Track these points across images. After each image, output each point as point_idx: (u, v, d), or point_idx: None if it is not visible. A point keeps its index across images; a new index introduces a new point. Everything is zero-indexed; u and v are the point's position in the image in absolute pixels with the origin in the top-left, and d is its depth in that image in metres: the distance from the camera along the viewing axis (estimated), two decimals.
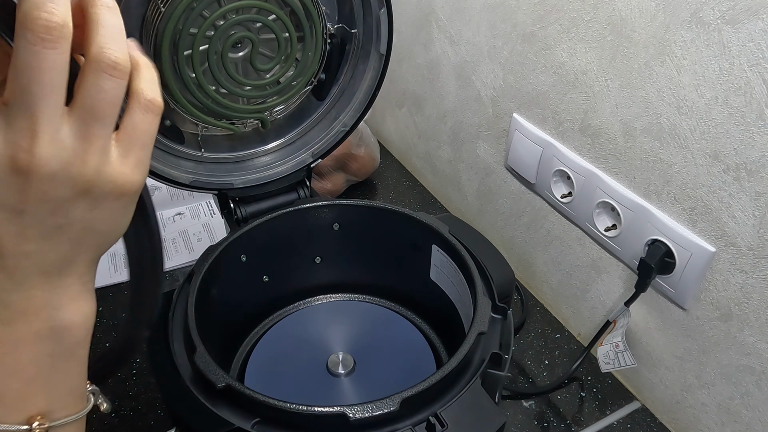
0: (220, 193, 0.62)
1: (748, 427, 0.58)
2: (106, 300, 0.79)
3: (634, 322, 0.66)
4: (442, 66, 0.89)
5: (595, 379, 0.71)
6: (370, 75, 0.63)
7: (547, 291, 0.81)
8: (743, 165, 0.50)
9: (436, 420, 0.43)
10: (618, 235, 0.64)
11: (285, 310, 0.69)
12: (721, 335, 0.57)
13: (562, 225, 0.74)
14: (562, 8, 0.64)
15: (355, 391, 0.58)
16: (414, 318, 0.69)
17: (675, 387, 0.64)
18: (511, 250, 0.86)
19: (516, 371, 0.72)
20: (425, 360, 0.62)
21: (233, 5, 0.53)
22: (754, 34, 0.46)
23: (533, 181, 0.76)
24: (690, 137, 0.54)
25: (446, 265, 0.60)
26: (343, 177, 0.99)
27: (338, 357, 0.61)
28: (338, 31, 0.61)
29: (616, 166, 0.64)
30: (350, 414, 0.42)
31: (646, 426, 0.66)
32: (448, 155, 0.95)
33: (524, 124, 0.75)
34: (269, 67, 0.58)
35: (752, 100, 0.48)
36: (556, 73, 0.68)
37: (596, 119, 0.64)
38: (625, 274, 0.67)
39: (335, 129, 0.66)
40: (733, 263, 0.54)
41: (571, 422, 0.66)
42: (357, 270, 0.69)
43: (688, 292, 0.59)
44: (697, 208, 0.56)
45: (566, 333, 0.77)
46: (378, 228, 0.64)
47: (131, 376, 0.70)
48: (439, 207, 1.00)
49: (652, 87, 0.56)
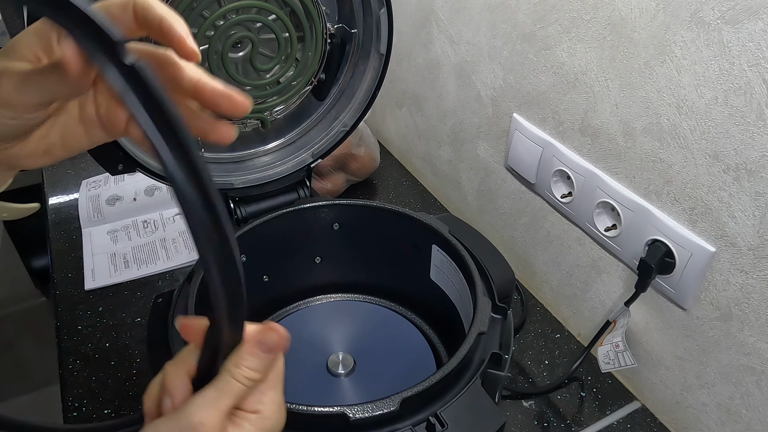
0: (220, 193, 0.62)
1: (748, 427, 0.58)
2: (106, 300, 0.79)
3: (634, 322, 0.66)
4: (442, 66, 0.89)
5: (595, 379, 0.71)
6: (370, 75, 0.63)
7: (547, 291, 0.81)
8: (743, 165, 0.50)
9: (436, 420, 0.43)
10: (618, 235, 0.64)
11: (285, 310, 0.70)
12: (721, 335, 0.57)
13: (562, 225, 0.74)
14: (562, 8, 0.64)
15: (355, 391, 0.58)
16: (414, 318, 0.69)
17: (675, 387, 0.64)
18: (511, 250, 0.86)
19: (516, 371, 0.72)
20: (425, 360, 0.62)
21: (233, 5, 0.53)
22: (754, 34, 0.46)
23: (533, 181, 0.76)
24: (690, 137, 0.54)
25: (446, 265, 0.60)
26: (343, 177, 0.99)
27: (338, 357, 0.61)
28: (338, 31, 0.61)
29: (616, 166, 0.64)
30: (350, 414, 0.42)
31: (646, 426, 0.66)
32: (448, 155, 0.95)
33: (524, 124, 0.75)
34: (269, 67, 0.58)
35: (752, 100, 0.48)
36: (556, 73, 0.68)
37: (596, 119, 0.64)
38: (625, 274, 0.67)
39: (335, 129, 0.66)
40: (733, 263, 0.54)
41: (571, 422, 0.66)
42: (357, 270, 0.69)
43: (688, 292, 0.59)
44: (697, 208, 0.56)
45: (566, 333, 0.77)
46: (378, 228, 0.64)
47: (131, 376, 0.70)
48: (439, 207, 1.00)
49: (652, 87, 0.56)
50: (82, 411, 0.66)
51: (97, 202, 0.96)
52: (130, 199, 0.97)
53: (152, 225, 0.93)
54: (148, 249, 0.88)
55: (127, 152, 0.54)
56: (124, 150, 0.54)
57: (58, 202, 0.98)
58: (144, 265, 0.85)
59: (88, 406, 0.66)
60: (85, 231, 0.91)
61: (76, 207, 0.95)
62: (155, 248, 0.88)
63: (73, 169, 1.04)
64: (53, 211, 0.96)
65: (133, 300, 0.80)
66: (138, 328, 0.76)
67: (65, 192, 1.00)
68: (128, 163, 0.55)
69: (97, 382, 0.69)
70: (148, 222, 0.93)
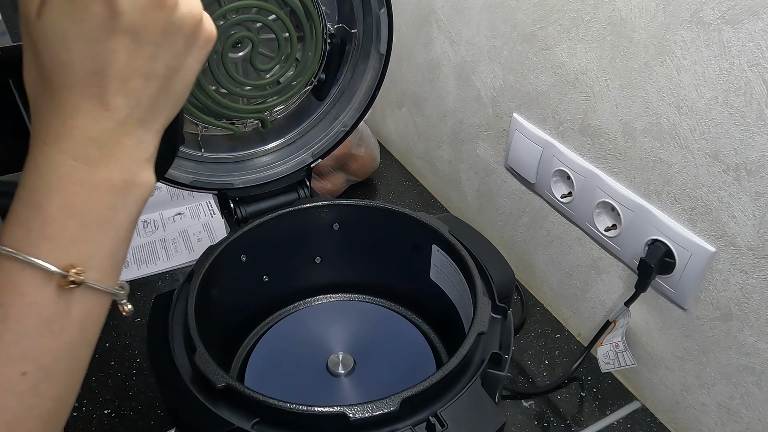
0: (220, 193, 0.62)
1: (748, 427, 0.58)
2: None
3: (634, 322, 0.66)
4: (442, 66, 0.89)
5: (595, 379, 0.71)
6: (370, 75, 0.63)
7: (547, 291, 0.81)
8: (743, 165, 0.50)
9: (436, 420, 0.43)
10: (618, 235, 0.64)
11: (285, 310, 0.69)
12: (721, 335, 0.57)
13: (562, 225, 0.74)
14: (562, 8, 0.64)
15: (355, 391, 0.58)
16: (414, 318, 0.69)
17: (675, 387, 0.64)
18: (511, 250, 0.86)
19: (516, 371, 0.72)
20: (425, 360, 0.62)
21: (233, 5, 0.53)
22: (754, 34, 0.46)
23: (533, 181, 0.76)
24: (690, 137, 0.54)
25: (446, 265, 0.60)
26: (343, 177, 0.99)
27: (338, 357, 0.61)
28: (338, 31, 0.61)
29: (616, 166, 0.64)
30: (350, 414, 0.42)
31: (646, 426, 0.66)
32: (448, 155, 0.95)
33: (524, 124, 0.75)
34: (269, 67, 0.58)
35: (752, 100, 0.48)
36: (556, 73, 0.68)
37: (596, 119, 0.64)
38: (625, 274, 0.67)
39: (335, 129, 0.66)
40: (733, 263, 0.54)
41: (571, 422, 0.66)
42: (357, 270, 0.69)
43: (688, 292, 0.59)
44: (697, 208, 0.56)
45: (566, 333, 0.77)
46: (378, 228, 0.64)
47: (131, 376, 0.70)
48: (439, 207, 1.00)
49: (652, 87, 0.56)
50: (82, 411, 0.66)
51: None
52: None
53: (152, 225, 0.93)
54: (148, 249, 0.88)
55: None
56: None
57: None
58: (144, 265, 0.85)
59: (88, 406, 0.66)
60: None
61: None
62: (155, 248, 0.88)
63: None
64: None
65: (133, 300, 0.80)
66: (138, 328, 0.76)
67: None
68: None
69: (97, 382, 0.69)
70: (148, 222, 0.93)
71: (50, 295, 0.30)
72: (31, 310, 0.30)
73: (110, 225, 0.33)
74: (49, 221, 0.30)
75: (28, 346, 0.30)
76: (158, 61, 0.32)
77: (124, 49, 0.31)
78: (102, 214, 0.32)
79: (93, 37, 0.30)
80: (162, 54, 0.32)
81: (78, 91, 0.31)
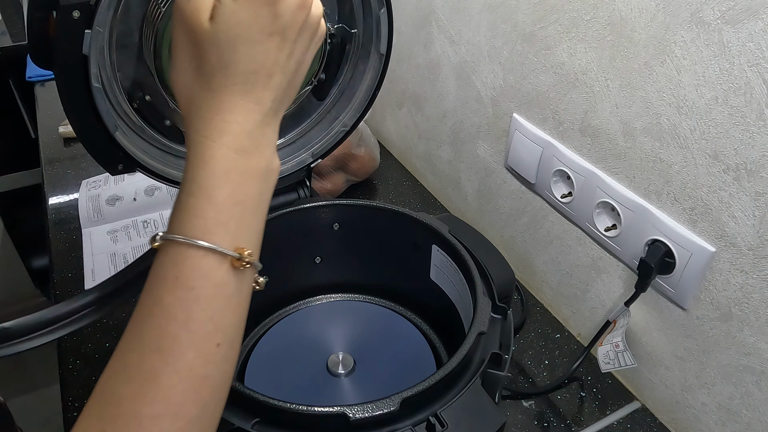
0: None
1: (748, 427, 0.58)
2: None
3: (634, 322, 0.66)
4: (442, 66, 0.89)
5: (595, 379, 0.71)
6: (370, 75, 0.63)
7: (547, 291, 0.81)
8: (743, 165, 0.50)
9: (436, 420, 0.43)
10: (618, 235, 0.65)
11: (285, 310, 0.70)
12: (721, 335, 0.57)
13: (562, 225, 0.74)
14: (562, 8, 0.64)
15: (355, 391, 0.58)
16: (414, 318, 0.69)
17: (675, 387, 0.64)
18: (511, 250, 0.86)
19: (516, 371, 0.72)
20: (425, 360, 0.62)
21: None
22: (754, 34, 0.46)
23: (533, 181, 0.76)
24: (690, 137, 0.54)
25: (446, 265, 0.60)
26: (343, 177, 0.99)
27: (338, 357, 0.61)
28: (338, 31, 0.61)
29: (616, 166, 0.64)
30: (350, 414, 0.42)
31: (646, 426, 0.66)
32: (448, 155, 0.95)
33: (524, 124, 0.75)
34: None
35: (752, 100, 0.48)
36: (556, 73, 0.68)
37: (596, 119, 0.64)
38: (625, 274, 0.67)
39: (335, 129, 0.66)
40: (733, 263, 0.54)
41: (571, 422, 0.66)
42: (357, 270, 0.69)
43: (688, 292, 0.59)
44: (697, 208, 0.56)
45: (566, 333, 0.77)
46: (378, 228, 0.64)
47: None
48: (439, 207, 1.00)
49: (652, 87, 0.56)
50: None
51: (97, 202, 0.96)
52: (130, 199, 0.97)
53: (152, 225, 0.93)
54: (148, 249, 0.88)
55: (127, 152, 0.54)
56: (124, 150, 0.54)
57: (58, 202, 0.98)
58: None
59: None
60: (85, 231, 0.91)
61: (76, 207, 0.95)
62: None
63: (73, 169, 1.04)
64: (53, 211, 0.96)
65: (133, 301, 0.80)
66: None
67: (65, 192, 1.00)
68: (128, 163, 0.55)
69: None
70: (148, 222, 0.93)
71: (230, 276, 0.34)
72: (218, 290, 0.34)
73: (260, 209, 0.37)
74: (221, 210, 0.34)
75: (218, 321, 0.34)
76: (293, 57, 0.37)
77: (275, 48, 0.35)
78: (255, 200, 0.36)
79: (256, 39, 0.34)
80: (296, 50, 0.37)
81: (237, 89, 0.35)
